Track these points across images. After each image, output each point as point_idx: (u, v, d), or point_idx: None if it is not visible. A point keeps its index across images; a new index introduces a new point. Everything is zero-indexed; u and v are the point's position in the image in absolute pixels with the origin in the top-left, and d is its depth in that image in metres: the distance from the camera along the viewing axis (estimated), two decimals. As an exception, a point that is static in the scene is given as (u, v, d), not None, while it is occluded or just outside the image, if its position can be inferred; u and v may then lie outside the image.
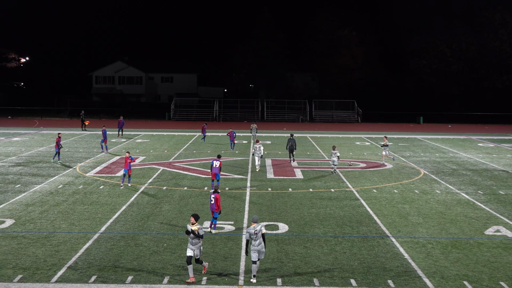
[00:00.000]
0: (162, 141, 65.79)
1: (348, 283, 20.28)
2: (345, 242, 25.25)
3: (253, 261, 20.10)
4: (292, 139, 49.12)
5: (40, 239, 25.16)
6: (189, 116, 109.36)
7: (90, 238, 25.42)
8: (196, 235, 19.86)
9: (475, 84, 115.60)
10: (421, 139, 71.10)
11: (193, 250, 19.95)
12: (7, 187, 36.60)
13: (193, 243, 19.89)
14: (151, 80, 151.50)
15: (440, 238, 26.11)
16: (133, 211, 30.68)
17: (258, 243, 20.07)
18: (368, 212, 31.16)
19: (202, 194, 35.13)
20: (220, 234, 26.32)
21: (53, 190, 35.78)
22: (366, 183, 39.92)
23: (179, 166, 46.45)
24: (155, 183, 38.66)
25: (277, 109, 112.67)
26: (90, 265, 21.81)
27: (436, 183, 40.22)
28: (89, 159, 49.57)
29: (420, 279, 20.80)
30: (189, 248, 20.03)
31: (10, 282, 20.01)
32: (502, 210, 32.06)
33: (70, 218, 28.89)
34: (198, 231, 19.94)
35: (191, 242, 19.93)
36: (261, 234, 20.13)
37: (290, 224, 28.22)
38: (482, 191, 37.51)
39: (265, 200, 33.83)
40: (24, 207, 31.24)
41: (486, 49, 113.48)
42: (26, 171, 42.78)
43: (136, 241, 24.99)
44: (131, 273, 21.00)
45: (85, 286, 19.76)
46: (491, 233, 27.11)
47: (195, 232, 19.71)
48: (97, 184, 38.03)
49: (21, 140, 64.25)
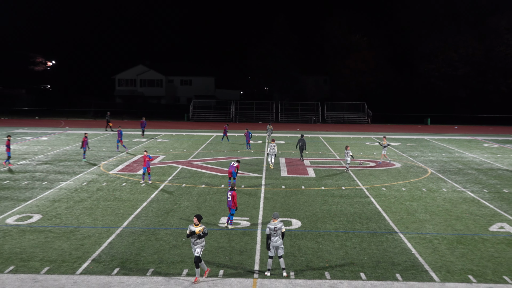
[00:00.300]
0: (181, 141, 65.95)
1: (358, 277, 20.31)
2: (355, 238, 25.28)
3: (270, 256, 20.19)
4: (302, 139, 49.38)
5: (65, 233, 25.35)
6: (207, 117, 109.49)
7: (113, 232, 25.59)
8: (198, 237, 19.51)
9: (481, 87, 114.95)
10: (428, 140, 70.87)
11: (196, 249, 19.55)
12: (34, 184, 36.86)
13: (196, 243, 19.56)
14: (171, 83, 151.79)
15: (446, 234, 26.07)
16: (153, 207, 30.83)
17: (277, 239, 20.07)
18: (377, 209, 31.16)
19: (219, 191, 35.22)
20: (236, 229, 26.40)
21: (78, 187, 36.01)
22: (375, 181, 39.88)
23: (197, 164, 46.56)
24: (174, 181, 38.78)
25: (290, 110, 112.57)
26: (113, 258, 21.96)
27: (443, 181, 40.13)
28: (112, 157, 49.79)
29: (426, 273, 20.81)
30: (192, 248, 19.67)
31: (38, 273, 20.19)
32: (506, 207, 31.96)
33: (94, 214, 29.08)
34: (203, 230, 19.59)
35: (194, 242, 19.59)
36: (280, 232, 20.15)
37: (302, 220, 28.27)
38: (486, 189, 37.39)
39: (279, 197, 33.88)
40: (50, 203, 31.47)
41: (492, 53, 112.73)
42: (52, 169, 43.05)
43: (156, 236, 25.13)
44: (152, 265, 21.14)
45: (108, 278, 19.90)
46: (495, 230, 27.04)
47: (197, 233, 19.44)
48: (120, 182, 38.22)
49: (47, 139, 64.60)
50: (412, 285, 19.59)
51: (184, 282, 19.58)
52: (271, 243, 20.08)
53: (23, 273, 20.25)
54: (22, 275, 20.06)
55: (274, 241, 20.04)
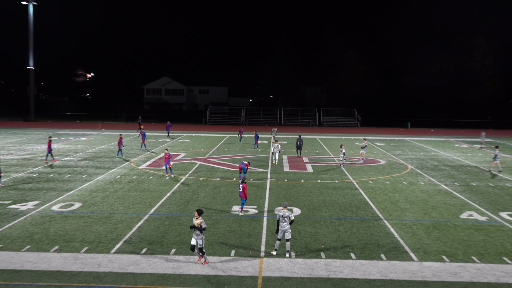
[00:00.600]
0: (199, 141, 65.95)
1: (348, 256, 20.27)
2: (346, 224, 25.22)
3: (278, 238, 20.22)
4: (300, 138, 49.63)
5: (102, 218, 25.39)
6: (221, 121, 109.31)
7: (142, 218, 25.61)
8: (197, 228, 19.07)
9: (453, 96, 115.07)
10: (409, 141, 70.63)
11: (196, 240, 19.16)
12: (75, 177, 36.93)
13: (196, 234, 19.18)
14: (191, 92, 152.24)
15: (423, 221, 25.99)
16: (176, 197, 30.84)
17: (285, 225, 20.02)
18: (365, 199, 31.07)
19: (231, 184, 35.19)
20: (246, 216, 26.38)
21: (112, 180, 36.05)
22: (364, 176, 39.78)
23: (213, 161, 46.54)
24: (193, 175, 38.78)
25: (292, 115, 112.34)
26: (142, 240, 21.98)
27: (421, 176, 39.99)
28: (140, 155, 49.81)
29: (407, 253, 20.75)
30: (193, 238, 19.23)
31: (78, 252, 20.23)
32: (474, 198, 31.83)
33: (126, 202, 29.11)
34: (201, 224, 19.07)
35: (195, 233, 19.22)
36: (288, 219, 20.07)
37: (302, 209, 28.23)
38: (458, 183, 37.24)
39: (282, 189, 33.84)
40: (89, 193, 31.53)
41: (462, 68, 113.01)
42: (91, 164, 43.12)
43: (178, 221, 25.13)
44: (174, 246, 21.14)
45: (138, 256, 19.92)
46: (465, 217, 26.94)
47: (196, 226, 19.10)
48: (147, 175, 38.24)
49: (87, 139, 64.72)
50: (394, 264, 19.53)
51: (201, 260, 19.58)
52: (280, 228, 20.08)
53: (65, 252, 20.29)
54: (65, 253, 20.10)
55: (282, 226, 20.02)
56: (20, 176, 36.86)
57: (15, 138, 64.58)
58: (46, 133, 71.07)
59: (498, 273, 18.81)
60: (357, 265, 19.37)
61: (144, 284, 17.27)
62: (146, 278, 17.74)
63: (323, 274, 18.40)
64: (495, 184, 36.99)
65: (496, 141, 71.94)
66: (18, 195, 30.60)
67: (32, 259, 19.40)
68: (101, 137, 67.97)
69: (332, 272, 18.56)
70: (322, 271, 18.70)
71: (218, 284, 17.30)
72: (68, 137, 67.27)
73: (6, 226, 23.71)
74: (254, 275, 18.18)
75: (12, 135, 68.12)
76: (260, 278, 17.94)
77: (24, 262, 19.05)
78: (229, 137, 70.93)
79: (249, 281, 17.63)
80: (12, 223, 24.33)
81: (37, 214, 26.04)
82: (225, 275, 18.15)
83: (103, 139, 65.02)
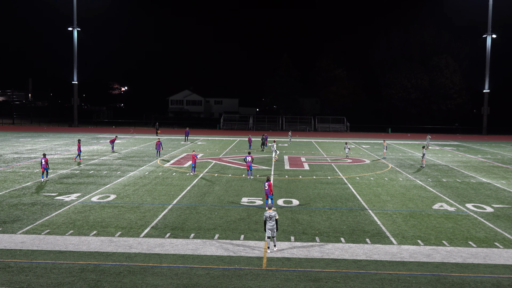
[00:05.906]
0: (214, 143, 65.94)
1: (339, 240, 20.18)
2: (337, 213, 25.12)
3: (267, 237, 18.87)
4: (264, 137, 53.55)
5: (133, 208, 25.39)
6: (233, 127, 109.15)
7: (166, 208, 25.58)
8: None
9: (427, 106, 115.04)
10: (389, 143, 70.38)
11: None
12: (111, 173, 36.98)
13: None
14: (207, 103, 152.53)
15: (402, 211, 25.86)
16: (195, 190, 30.80)
17: (272, 225, 18.65)
18: (353, 192, 30.96)
19: (241, 179, 35.11)
20: (253, 206, 26.30)
21: (142, 175, 36.07)
22: (351, 173, 39.64)
23: (226, 160, 46.51)
24: (209, 172, 38.76)
25: (291, 122, 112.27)
26: (166, 226, 21.95)
27: (399, 173, 39.83)
28: (165, 155, 49.84)
29: (388, 238, 20.64)
30: None
31: (113, 236, 20.23)
32: (444, 192, 31.67)
33: (153, 194, 29.10)
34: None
35: None
36: (274, 219, 18.77)
37: (300, 200, 28.14)
38: (430, 179, 37.06)
39: (283, 183, 33.77)
40: (122, 186, 31.55)
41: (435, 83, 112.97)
42: (124, 163, 43.17)
43: (196, 210, 25.09)
44: (193, 231, 21.10)
45: (162, 240, 19.89)
46: (437, 208, 26.79)
47: None
48: (171, 172, 38.24)
49: (121, 142, 64.80)
50: (377, 247, 19.42)
51: (215, 243, 19.49)
52: (267, 227, 18.86)
53: (102, 236, 20.28)
54: (102, 237, 20.09)
55: (270, 225, 18.81)
56: (65, 173, 36.92)
57: (61, 140, 64.79)
58: (88, 137, 71.27)
59: (464, 255, 18.69)
60: (346, 247, 19.27)
61: (168, 263, 17.24)
62: (169, 258, 17.71)
63: (318, 255, 18.32)
64: (462, 180, 36.78)
65: (463, 144, 71.72)
66: (63, 188, 30.65)
67: (75, 242, 19.40)
68: (132, 140, 68.06)
69: (325, 254, 18.47)
70: (317, 252, 18.61)
71: (230, 263, 17.25)
72: (105, 140, 67.36)
73: (53, 214, 23.74)
74: (260, 256, 18.12)
75: (58, 138, 68.36)
76: (265, 258, 17.88)
77: (68, 244, 19.05)
78: (240, 140, 70.89)
79: (256, 261, 17.56)
80: (58, 211, 24.36)
81: (79, 204, 26.06)
82: (235, 255, 18.09)
83: (135, 142, 65.10)
